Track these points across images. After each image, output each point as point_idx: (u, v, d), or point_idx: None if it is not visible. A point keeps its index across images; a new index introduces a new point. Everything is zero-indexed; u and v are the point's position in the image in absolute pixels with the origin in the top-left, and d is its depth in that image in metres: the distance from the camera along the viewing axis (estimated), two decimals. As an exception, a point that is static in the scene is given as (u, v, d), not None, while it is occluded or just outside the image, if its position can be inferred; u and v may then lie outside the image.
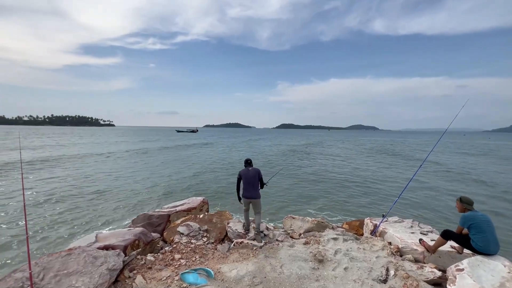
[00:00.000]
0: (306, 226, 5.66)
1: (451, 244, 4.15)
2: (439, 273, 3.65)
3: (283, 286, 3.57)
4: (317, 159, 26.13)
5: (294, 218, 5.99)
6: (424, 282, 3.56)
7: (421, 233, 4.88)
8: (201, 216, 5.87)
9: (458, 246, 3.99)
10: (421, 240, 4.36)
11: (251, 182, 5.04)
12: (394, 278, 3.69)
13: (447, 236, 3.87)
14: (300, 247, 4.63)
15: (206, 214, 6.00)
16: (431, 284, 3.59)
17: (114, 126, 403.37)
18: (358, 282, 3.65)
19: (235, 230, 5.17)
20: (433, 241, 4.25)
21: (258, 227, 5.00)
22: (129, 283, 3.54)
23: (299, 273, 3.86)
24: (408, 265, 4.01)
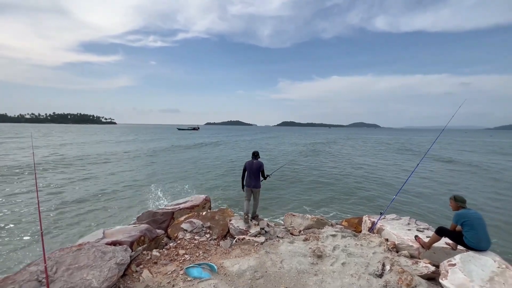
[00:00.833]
0: (306, 223, 5.82)
1: (446, 240, 4.28)
2: (433, 268, 3.80)
3: (283, 280, 3.74)
4: (336, 158, 26.24)
5: (294, 215, 6.15)
6: (418, 276, 3.71)
7: (417, 230, 5.03)
8: (203, 213, 6.04)
9: (452, 242, 4.13)
10: (416, 236, 4.51)
11: (254, 173, 5.69)
12: (389, 273, 3.84)
13: (441, 233, 4.02)
14: (299, 243, 4.79)
15: (208, 211, 6.17)
16: (425, 278, 3.74)
17: (115, 124, 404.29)
18: (355, 277, 3.81)
19: (237, 227, 5.34)
20: (428, 237, 4.39)
21: (253, 214, 5.79)
22: (136, 277, 3.72)
23: (299, 267, 4.03)
24: (403, 260, 4.15)
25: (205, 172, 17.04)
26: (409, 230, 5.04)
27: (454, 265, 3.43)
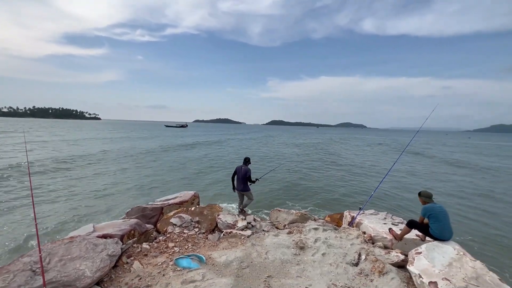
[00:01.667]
0: (290, 218, 6.13)
1: (416, 232, 4.70)
2: (403, 256, 4.20)
3: (267, 269, 4.01)
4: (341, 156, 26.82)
5: (280, 210, 6.45)
6: (389, 264, 4.09)
7: (392, 224, 5.45)
8: (192, 208, 6.22)
9: (421, 234, 4.55)
10: (390, 229, 4.91)
11: (241, 178, 6.18)
12: (364, 262, 4.21)
13: (411, 225, 4.42)
14: (284, 236, 5.09)
15: (197, 207, 6.36)
16: (396, 266, 4.13)
17: (100, 119, 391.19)
18: (333, 265, 4.15)
19: (225, 221, 5.57)
20: (401, 230, 4.80)
21: (244, 207, 6.48)
22: (127, 268, 3.88)
23: (282, 258, 4.32)
24: (378, 250, 4.54)
25: (195, 169, 17.06)
26: (384, 224, 5.45)
27: (420, 253, 3.83)
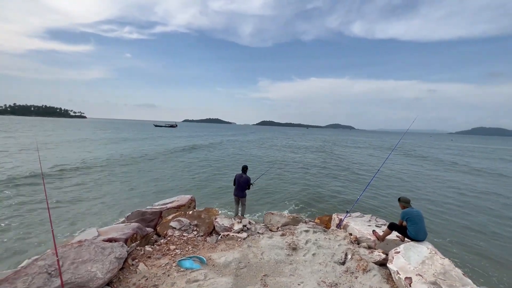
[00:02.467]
0: (283, 220, 6.55)
1: (397, 234, 5.22)
2: (384, 255, 4.69)
3: (263, 269, 4.40)
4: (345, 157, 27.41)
5: (273, 214, 6.86)
6: (372, 263, 4.57)
7: (376, 226, 5.96)
8: (190, 212, 6.52)
9: (400, 236, 5.06)
10: (373, 231, 5.41)
11: (241, 185, 6.83)
12: (350, 261, 4.67)
13: (392, 227, 4.93)
14: (277, 238, 5.49)
15: (195, 210, 6.66)
16: (378, 264, 4.61)
17: (85, 118, 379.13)
18: (322, 264, 4.58)
19: (222, 224, 5.92)
20: (383, 232, 5.30)
21: (243, 214, 7.09)
22: (133, 270, 4.16)
23: (276, 258, 4.72)
24: (362, 250, 5.02)
25: (191, 174, 17.14)
26: (369, 226, 5.95)
27: (399, 252, 4.33)
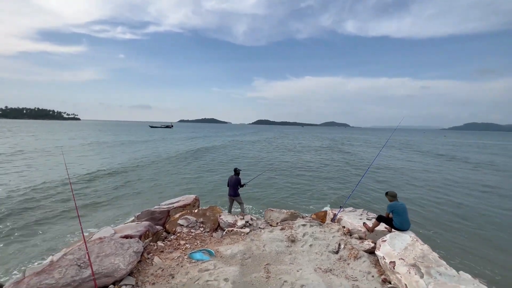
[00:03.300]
0: (282, 216, 7.07)
1: (385, 225, 5.78)
2: (373, 244, 5.24)
3: (266, 259, 4.91)
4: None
5: (272, 210, 7.38)
6: (362, 251, 5.12)
7: (367, 219, 6.51)
8: (195, 211, 7.00)
9: (388, 227, 5.62)
10: (364, 223, 5.97)
11: (232, 186, 7.58)
12: (343, 250, 5.21)
13: (380, 219, 5.48)
14: (277, 232, 6.01)
15: (200, 209, 7.14)
16: (367, 252, 5.16)
17: (79, 120, 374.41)
18: (318, 254, 5.12)
19: (226, 221, 6.41)
20: (373, 224, 5.86)
21: (243, 211, 7.68)
22: (149, 262, 4.64)
23: (277, 249, 5.24)
24: (354, 241, 5.57)
25: (195, 175, 17.54)
26: (361, 219, 6.50)
27: (385, 241, 4.88)
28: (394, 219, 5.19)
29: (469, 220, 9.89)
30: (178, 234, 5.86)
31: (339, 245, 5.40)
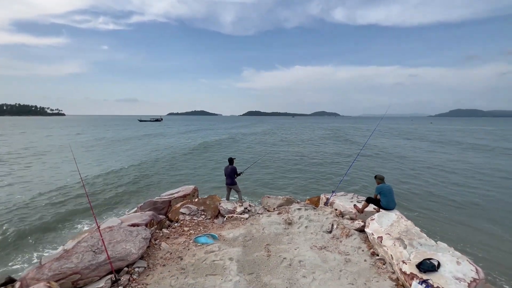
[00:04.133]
0: (278, 202, 7.49)
1: (373, 206, 6.27)
2: (363, 223, 5.73)
3: (266, 240, 5.32)
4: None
5: (269, 197, 7.79)
6: (353, 230, 5.61)
7: (357, 201, 7.01)
8: (196, 200, 7.32)
9: (376, 207, 6.12)
10: (354, 205, 6.45)
11: (229, 175, 7.86)
12: (336, 229, 5.68)
13: (369, 201, 5.97)
14: (275, 216, 6.43)
15: (199, 198, 7.46)
16: (358, 230, 5.64)
17: (64, 115, 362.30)
18: (313, 234, 5.57)
19: (226, 208, 6.77)
20: (362, 205, 6.34)
21: (240, 199, 7.89)
22: (157, 247, 4.96)
23: (276, 232, 5.66)
24: (346, 221, 6.05)
25: (194, 167, 17.75)
26: (351, 202, 6.99)
27: (374, 219, 5.36)
28: (381, 200, 5.67)
29: (451, 200, 10.67)
30: (181, 222, 6.18)
31: (332, 225, 5.86)
